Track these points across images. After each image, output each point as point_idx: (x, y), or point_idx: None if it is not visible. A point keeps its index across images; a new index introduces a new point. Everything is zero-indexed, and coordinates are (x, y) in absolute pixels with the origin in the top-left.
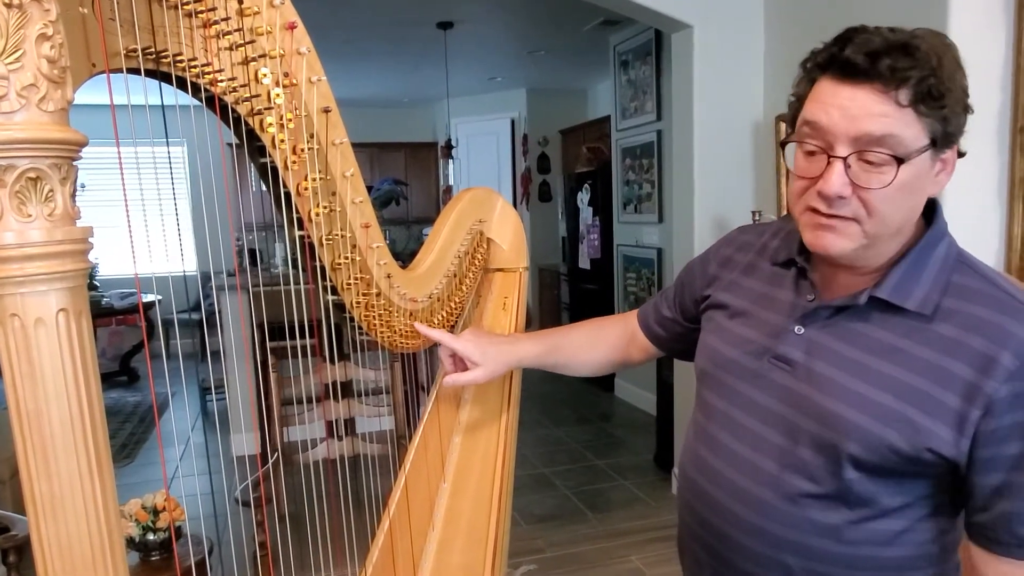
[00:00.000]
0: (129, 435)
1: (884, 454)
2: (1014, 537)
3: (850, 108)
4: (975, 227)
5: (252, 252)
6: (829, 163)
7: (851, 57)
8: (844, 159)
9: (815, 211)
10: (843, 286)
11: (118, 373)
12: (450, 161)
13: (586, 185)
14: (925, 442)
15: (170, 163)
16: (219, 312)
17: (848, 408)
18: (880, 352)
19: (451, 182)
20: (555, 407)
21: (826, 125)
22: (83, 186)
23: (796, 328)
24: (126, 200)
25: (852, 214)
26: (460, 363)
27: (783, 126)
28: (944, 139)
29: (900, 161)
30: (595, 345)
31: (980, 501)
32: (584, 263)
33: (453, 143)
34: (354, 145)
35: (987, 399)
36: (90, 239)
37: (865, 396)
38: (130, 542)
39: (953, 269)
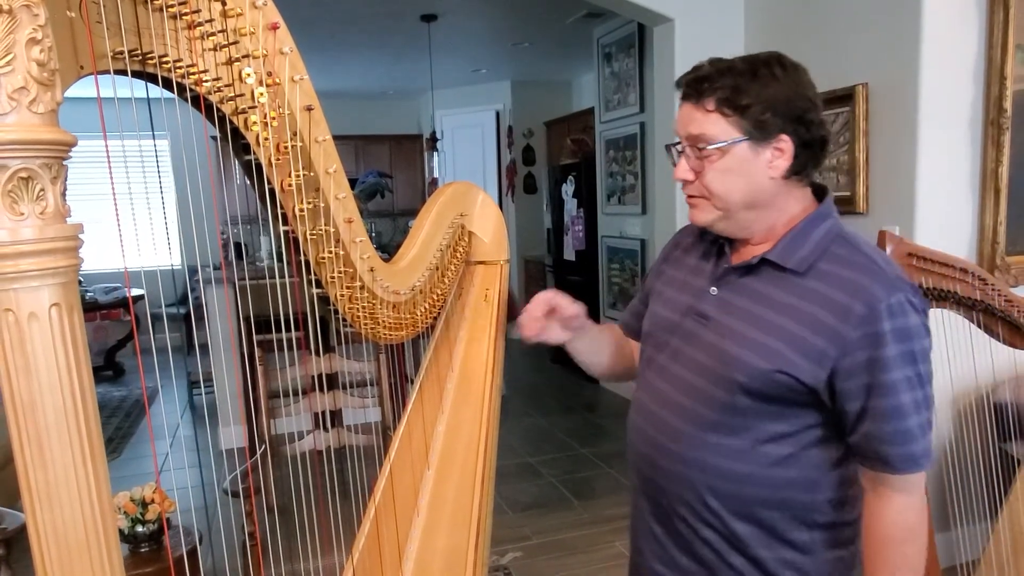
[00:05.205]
0: (115, 429)
1: (763, 380)
2: (876, 454)
3: (682, 118)
4: (949, 217)
5: (237, 245)
6: (679, 157)
7: (681, 84)
8: (682, 152)
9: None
10: (748, 254)
11: (103, 368)
12: (435, 153)
13: (570, 177)
14: (784, 367)
15: (156, 156)
16: (205, 306)
17: (740, 349)
18: (769, 304)
19: (436, 174)
20: (541, 397)
21: (677, 132)
22: None
23: (712, 289)
24: (115, 194)
25: (698, 192)
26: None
27: None
28: (761, 134)
29: (722, 152)
30: (602, 348)
31: (849, 425)
32: (569, 254)
33: (438, 135)
34: (338, 138)
35: (843, 340)
36: (80, 235)
37: (754, 340)
38: (119, 534)
39: (832, 241)
